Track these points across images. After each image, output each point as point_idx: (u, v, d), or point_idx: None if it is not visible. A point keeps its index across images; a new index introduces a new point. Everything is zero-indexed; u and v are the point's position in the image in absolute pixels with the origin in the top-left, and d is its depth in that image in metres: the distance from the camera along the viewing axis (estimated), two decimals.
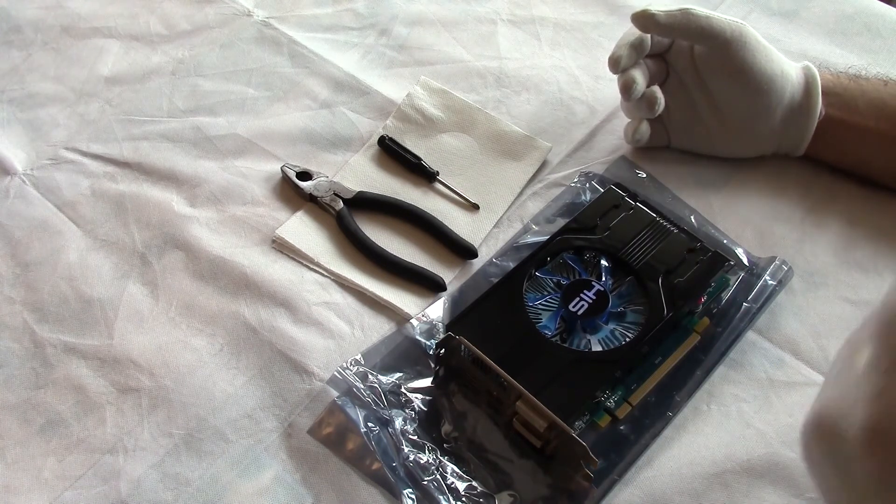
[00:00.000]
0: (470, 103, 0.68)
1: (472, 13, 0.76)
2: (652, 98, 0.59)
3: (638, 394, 0.51)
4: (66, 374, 0.54)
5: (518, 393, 0.48)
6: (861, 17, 0.74)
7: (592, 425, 0.50)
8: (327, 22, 0.76)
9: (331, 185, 0.62)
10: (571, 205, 0.61)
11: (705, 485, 0.48)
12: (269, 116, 0.68)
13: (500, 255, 0.59)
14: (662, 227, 0.56)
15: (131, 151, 0.66)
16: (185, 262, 0.59)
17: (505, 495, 0.48)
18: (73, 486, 0.49)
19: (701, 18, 0.56)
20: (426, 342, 0.54)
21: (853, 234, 0.59)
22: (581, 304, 0.52)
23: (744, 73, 0.57)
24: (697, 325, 0.54)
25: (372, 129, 0.67)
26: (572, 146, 0.65)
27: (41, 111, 0.70)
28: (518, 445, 0.49)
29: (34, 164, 0.66)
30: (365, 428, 0.50)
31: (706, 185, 0.62)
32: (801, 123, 0.59)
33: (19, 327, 0.56)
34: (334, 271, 0.58)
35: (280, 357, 0.54)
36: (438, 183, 0.63)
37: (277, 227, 0.60)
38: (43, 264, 0.59)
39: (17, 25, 0.77)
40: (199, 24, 0.76)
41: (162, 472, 0.49)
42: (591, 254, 0.56)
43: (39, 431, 0.52)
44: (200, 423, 0.51)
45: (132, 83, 0.72)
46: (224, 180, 0.64)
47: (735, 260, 0.56)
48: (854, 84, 0.59)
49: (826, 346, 0.54)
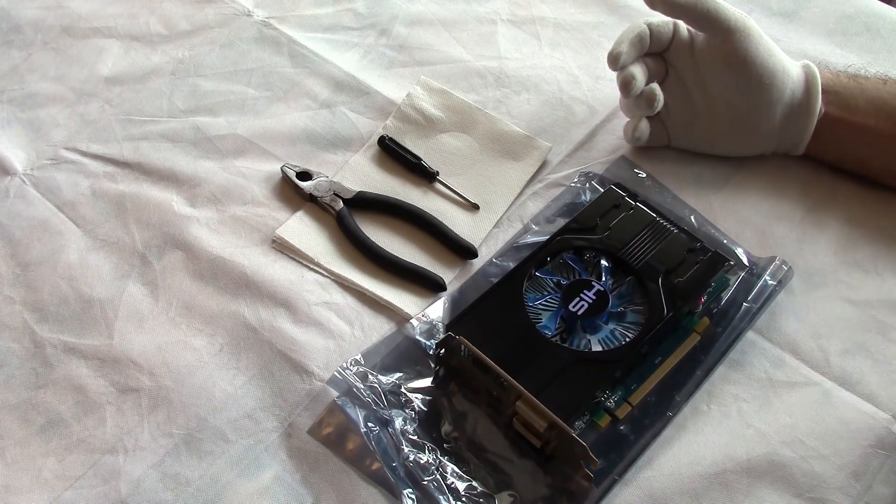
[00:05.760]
0: (470, 103, 0.68)
1: (472, 13, 0.76)
2: (651, 95, 0.59)
3: (638, 394, 0.51)
4: (66, 374, 0.54)
5: (518, 393, 0.48)
6: (861, 17, 0.74)
7: (592, 425, 0.50)
8: (327, 22, 0.76)
9: (331, 185, 0.62)
10: (571, 205, 0.61)
11: (705, 485, 0.48)
12: (269, 116, 0.68)
13: (500, 255, 0.59)
14: (662, 227, 0.56)
15: (131, 151, 0.66)
16: (185, 262, 0.59)
17: (505, 495, 0.48)
18: (73, 486, 0.49)
19: (709, 2, 0.56)
20: (426, 342, 0.54)
21: (853, 234, 0.59)
22: (581, 304, 0.52)
23: (745, 66, 0.57)
24: (697, 325, 0.54)
25: (372, 129, 0.67)
26: (572, 146, 0.65)
27: (41, 111, 0.70)
28: (518, 445, 0.49)
29: (34, 164, 0.66)
30: (365, 428, 0.50)
31: (706, 184, 0.62)
32: (800, 121, 0.59)
33: (19, 327, 0.56)
34: (334, 271, 0.58)
35: (280, 357, 0.54)
36: (438, 183, 0.63)
37: (277, 227, 0.60)
38: (43, 264, 0.59)
39: (17, 25, 0.77)
40: (199, 24, 0.76)
41: (162, 472, 0.49)
42: (591, 254, 0.56)
43: (39, 431, 0.52)
44: (200, 423, 0.51)
45: (132, 83, 0.72)
46: (224, 180, 0.64)
47: (735, 260, 0.56)
48: (853, 83, 0.59)
49: (826, 346, 0.54)
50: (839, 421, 0.50)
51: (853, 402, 0.51)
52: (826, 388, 0.52)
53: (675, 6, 0.57)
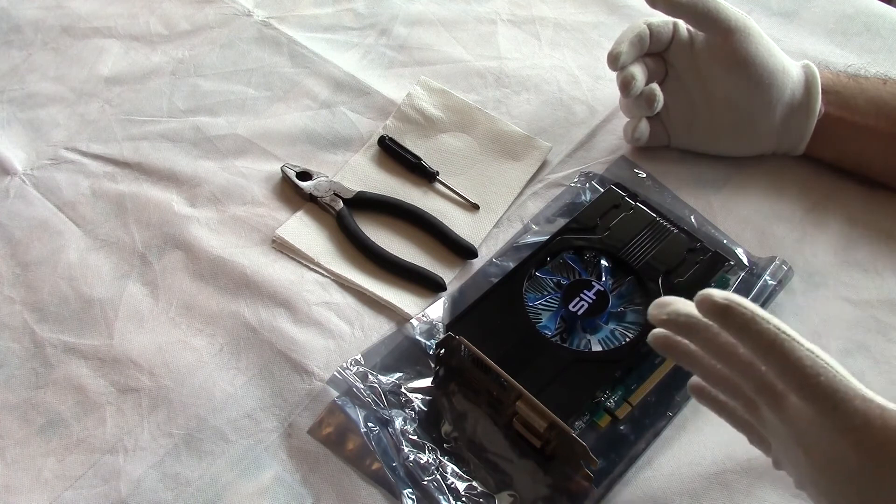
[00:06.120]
0: (470, 103, 0.68)
1: (472, 13, 0.76)
2: (651, 95, 0.59)
3: (638, 394, 0.51)
4: (66, 374, 0.54)
5: (518, 393, 0.48)
6: (861, 17, 0.74)
7: (592, 425, 0.50)
8: (327, 22, 0.76)
9: (331, 185, 0.62)
10: (571, 205, 0.61)
11: (705, 485, 0.48)
12: (269, 116, 0.68)
13: (500, 255, 0.59)
14: (662, 227, 0.56)
15: (131, 151, 0.66)
16: (185, 262, 0.59)
17: (505, 495, 0.48)
18: (73, 486, 0.49)
19: (709, 2, 0.56)
20: (426, 342, 0.54)
21: (853, 234, 0.59)
22: (581, 304, 0.52)
23: (745, 65, 0.57)
24: None
25: (372, 129, 0.67)
26: (572, 146, 0.65)
27: (41, 111, 0.70)
28: (518, 445, 0.49)
29: (34, 164, 0.66)
30: (365, 428, 0.50)
31: (706, 184, 0.62)
32: (800, 121, 0.59)
33: (19, 327, 0.56)
34: (334, 271, 0.58)
35: (280, 357, 0.54)
36: (438, 183, 0.63)
37: (277, 227, 0.60)
38: (43, 264, 0.59)
39: (17, 25, 0.77)
40: (199, 24, 0.76)
41: (162, 472, 0.49)
42: (591, 254, 0.56)
43: (39, 431, 0.52)
44: (200, 423, 0.51)
45: (132, 83, 0.72)
46: (224, 180, 0.64)
47: (735, 260, 0.56)
48: (853, 82, 0.59)
49: (826, 346, 0.53)
50: None
51: None
52: None
53: (676, 5, 0.57)
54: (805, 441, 0.38)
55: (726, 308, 0.36)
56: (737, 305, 0.36)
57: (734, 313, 0.36)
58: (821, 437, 0.37)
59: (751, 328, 0.36)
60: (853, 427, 0.35)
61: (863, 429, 0.35)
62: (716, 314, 0.37)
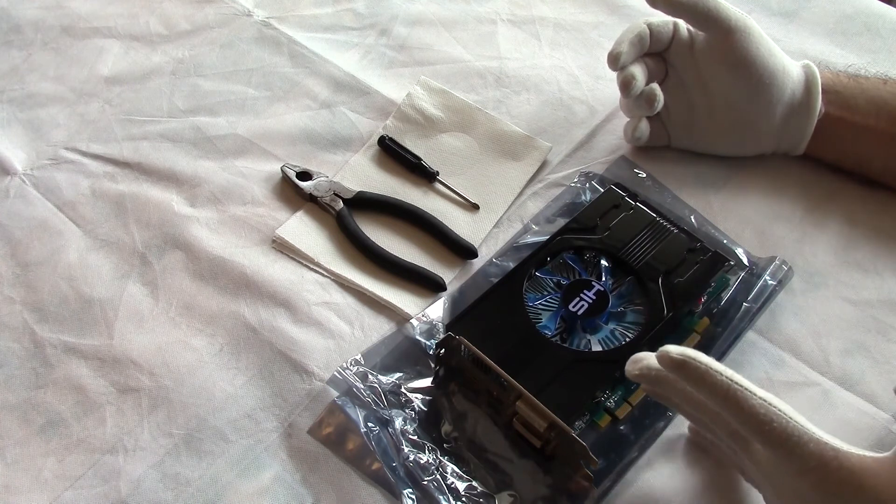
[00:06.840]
0: (470, 103, 0.68)
1: (472, 13, 0.76)
2: (651, 95, 0.59)
3: (638, 394, 0.51)
4: (66, 374, 0.54)
5: (518, 393, 0.48)
6: (861, 17, 0.74)
7: (592, 425, 0.50)
8: (327, 22, 0.76)
9: (331, 185, 0.62)
10: (571, 205, 0.61)
11: (705, 485, 0.48)
12: (269, 116, 0.68)
13: (500, 255, 0.59)
14: (662, 227, 0.56)
15: (131, 151, 0.66)
16: (185, 262, 0.59)
17: (505, 495, 0.48)
18: (73, 486, 0.49)
19: (710, 2, 0.56)
20: (426, 342, 0.54)
21: (853, 234, 0.59)
22: (581, 304, 0.52)
23: (745, 65, 0.57)
24: (697, 325, 0.53)
25: (372, 129, 0.67)
26: (572, 146, 0.65)
27: (41, 111, 0.70)
28: (518, 445, 0.49)
29: (34, 164, 0.66)
30: (365, 428, 0.50)
31: (706, 185, 0.62)
32: (801, 121, 0.59)
33: (19, 327, 0.56)
34: (334, 271, 0.58)
35: (280, 357, 0.54)
36: (438, 183, 0.63)
37: (277, 227, 0.60)
38: (43, 264, 0.59)
39: (17, 25, 0.77)
40: (199, 24, 0.76)
41: (162, 472, 0.49)
42: (591, 254, 0.56)
43: (39, 431, 0.52)
44: (200, 423, 0.51)
45: (132, 83, 0.72)
46: (224, 180, 0.64)
47: (735, 260, 0.56)
48: (853, 82, 0.59)
49: (826, 346, 0.54)
50: (839, 421, 0.50)
51: (853, 402, 0.51)
52: (826, 389, 0.52)
53: (676, 5, 0.57)
54: (773, 481, 0.41)
55: (682, 363, 0.39)
56: (690, 360, 0.39)
57: (689, 368, 0.39)
58: (784, 478, 0.39)
59: (706, 381, 0.38)
60: (809, 469, 0.38)
61: (819, 470, 0.37)
62: (673, 369, 0.39)
